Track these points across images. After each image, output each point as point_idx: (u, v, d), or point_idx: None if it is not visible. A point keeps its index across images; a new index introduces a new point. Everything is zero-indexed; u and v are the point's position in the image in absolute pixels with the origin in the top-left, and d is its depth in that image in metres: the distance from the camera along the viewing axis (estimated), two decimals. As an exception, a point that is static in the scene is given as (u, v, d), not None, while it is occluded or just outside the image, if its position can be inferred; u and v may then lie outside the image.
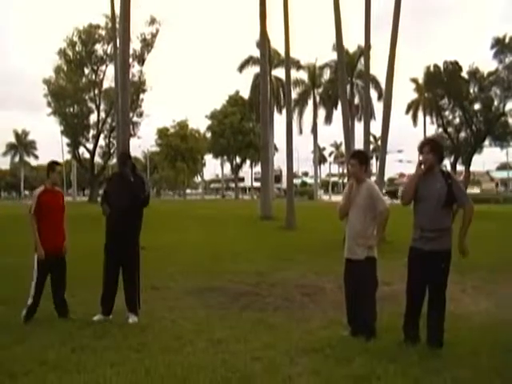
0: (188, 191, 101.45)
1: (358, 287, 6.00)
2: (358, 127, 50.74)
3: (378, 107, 47.22)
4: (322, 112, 60.89)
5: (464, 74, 36.87)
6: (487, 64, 61.58)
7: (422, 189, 5.60)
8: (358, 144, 26.76)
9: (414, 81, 56.73)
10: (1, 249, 14.05)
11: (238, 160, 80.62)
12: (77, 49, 50.89)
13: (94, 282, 7.23)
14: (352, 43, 53.97)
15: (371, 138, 43.66)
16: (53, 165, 7.03)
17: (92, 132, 54.12)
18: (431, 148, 5.61)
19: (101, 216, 7.26)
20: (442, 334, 5.60)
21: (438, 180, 5.57)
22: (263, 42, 27.70)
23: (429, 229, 5.51)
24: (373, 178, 25.32)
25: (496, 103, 36.57)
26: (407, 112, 63.76)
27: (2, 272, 10.45)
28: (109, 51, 48.41)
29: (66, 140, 58.01)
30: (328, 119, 59.77)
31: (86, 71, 52.37)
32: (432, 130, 43.62)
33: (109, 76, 49.42)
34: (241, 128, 73.32)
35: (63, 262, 6.91)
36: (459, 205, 5.60)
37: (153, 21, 47.13)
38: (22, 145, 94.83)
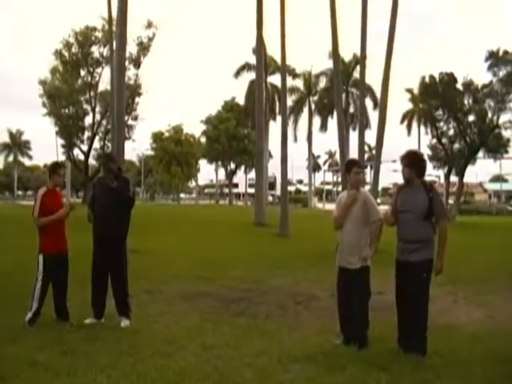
0: (182, 196, 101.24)
1: (351, 296, 6.00)
2: (353, 136, 51.03)
3: (373, 116, 47.47)
4: (316, 120, 61.09)
5: (459, 86, 37.04)
6: (482, 76, 62.05)
7: (404, 201, 5.74)
8: (353, 153, 26.89)
9: (409, 91, 56.97)
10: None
11: (233, 166, 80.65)
12: (73, 50, 50.70)
13: (86, 284, 7.20)
14: (348, 52, 54.28)
15: (366, 147, 43.82)
16: (56, 167, 7.01)
17: (87, 134, 53.87)
18: (407, 162, 5.78)
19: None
20: (425, 343, 5.63)
21: (420, 192, 5.70)
22: (259, 48, 27.79)
23: (410, 240, 5.64)
24: (367, 188, 25.39)
25: (490, 115, 36.76)
26: (402, 122, 64.05)
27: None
28: (105, 53, 48.36)
29: (60, 141, 57.84)
30: (323, 127, 59.91)
31: (82, 73, 52.14)
32: (426, 140, 43.71)
33: (104, 78, 49.26)
34: (236, 134, 73.35)
35: (66, 262, 6.88)
36: (436, 219, 5.71)
37: (150, 24, 47.04)
38: (16, 144, 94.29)
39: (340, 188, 24.96)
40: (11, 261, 11.75)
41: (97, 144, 54.83)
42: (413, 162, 5.78)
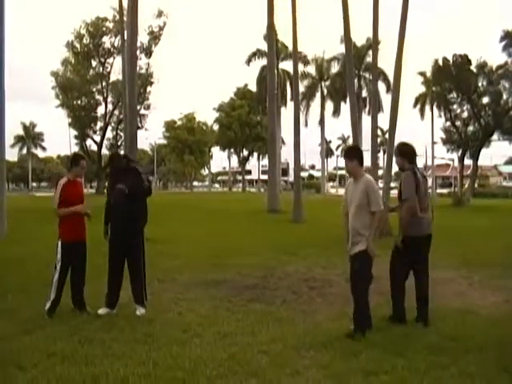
0: (195, 183, 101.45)
1: (352, 281, 6.01)
2: (366, 120, 50.66)
3: (386, 99, 47.01)
4: (329, 105, 60.71)
5: (473, 68, 36.62)
6: (497, 57, 61.16)
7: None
8: (366, 137, 26.65)
9: (422, 74, 56.35)
10: (10, 239, 14.15)
11: (245, 153, 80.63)
12: (84, 41, 50.89)
13: (100, 274, 7.25)
14: (360, 36, 53.83)
15: (379, 132, 43.47)
16: (77, 158, 7.07)
17: (99, 124, 54.26)
18: (398, 153, 6.61)
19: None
20: (427, 315, 6.24)
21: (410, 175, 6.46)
22: (271, 34, 27.61)
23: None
24: (380, 172, 25.24)
25: (505, 97, 36.35)
26: (415, 106, 63.39)
27: (11, 261, 10.53)
28: (116, 44, 48.47)
29: (73, 132, 58.21)
30: (336, 112, 59.54)
31: (94, 63, 52.40)
32: (440, 123, 43.37)
33: (116, 68, 49.51)
34: (248, 121, 73.25)
35: (84, 251, 6.92)
36: None
37: (160, 13, 47.08)
38: (30, 137, 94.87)
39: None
40: (28, 251, 11.87)
41: (109, 134, 55.15)
42: (400, 152, 6.55)
